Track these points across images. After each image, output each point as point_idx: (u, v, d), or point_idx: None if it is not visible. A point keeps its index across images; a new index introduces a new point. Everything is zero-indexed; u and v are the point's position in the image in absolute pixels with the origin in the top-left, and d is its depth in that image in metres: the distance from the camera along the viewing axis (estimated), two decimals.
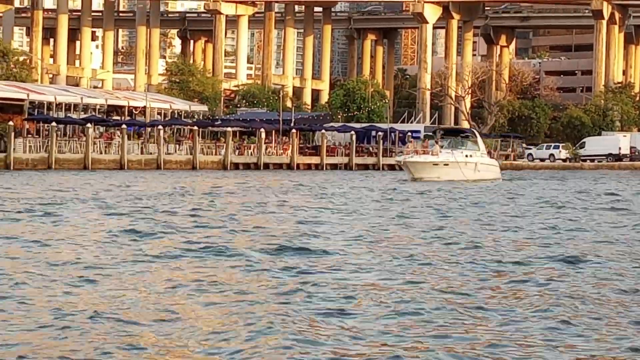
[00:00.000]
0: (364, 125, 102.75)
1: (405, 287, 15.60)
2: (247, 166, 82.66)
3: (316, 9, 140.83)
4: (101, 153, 76.53)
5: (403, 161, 65.90)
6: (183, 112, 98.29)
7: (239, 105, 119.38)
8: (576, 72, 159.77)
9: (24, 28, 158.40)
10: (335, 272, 17.32)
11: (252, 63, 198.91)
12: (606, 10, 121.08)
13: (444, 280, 16.47)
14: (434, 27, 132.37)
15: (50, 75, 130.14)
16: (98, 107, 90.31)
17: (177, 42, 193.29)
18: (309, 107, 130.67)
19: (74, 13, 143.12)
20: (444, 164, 63.65)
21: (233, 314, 13.16)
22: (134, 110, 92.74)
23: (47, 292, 14.71)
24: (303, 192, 45.59)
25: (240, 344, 11.37)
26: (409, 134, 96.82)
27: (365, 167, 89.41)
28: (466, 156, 64.89)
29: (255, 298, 14.44)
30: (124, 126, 77.47)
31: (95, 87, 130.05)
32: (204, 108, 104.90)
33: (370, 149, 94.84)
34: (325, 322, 12.67)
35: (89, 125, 75.46)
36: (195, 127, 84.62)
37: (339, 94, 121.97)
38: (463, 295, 14.87)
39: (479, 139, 68.79)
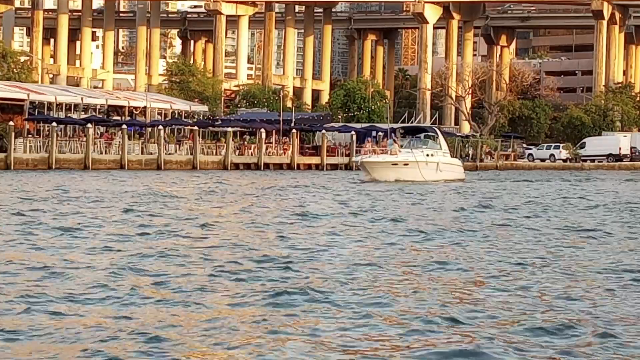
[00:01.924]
0: (364, 125, 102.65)
1: None
2: (247, 166, 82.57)
3: (316, 9, 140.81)
4: (101, 153, 76.45)
5: (360, 161, 61.93)
6: (183, 112, 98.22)
7: (239, 106, 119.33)
8: (576, 72, 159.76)
9: (24, 28, 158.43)
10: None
11: (252, 63, 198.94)
12: (606, 10, 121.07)
13: None
14: (435, 28, 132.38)
15: (51, 76, 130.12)
16: (98, 107, 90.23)
17: (177, 42, 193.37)
18: (310, 107, 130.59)
19: (75, 13, 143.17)
20: (404, 164, 59.97)
21: None
22: (134, 111, 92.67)
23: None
24: None
25: None
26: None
27: None
28: (427, 155, 61.27)
29: None
30: (124, 126, 77.40)
31: (95, 87, 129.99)
32: (205, 108, 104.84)
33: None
34: None
35: (89, 125, 75.41)
36: (196, 128, 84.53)
37: (339, 94, 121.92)
38: None
39: (441, 138, 65.12)
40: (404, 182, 56.51)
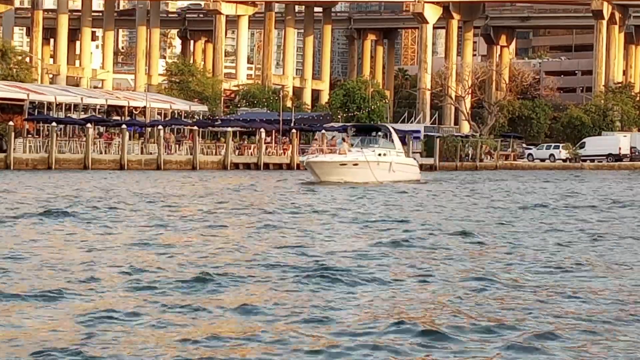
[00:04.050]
0: None
1: None
2: (247, 166, 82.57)
3: (316, 9, 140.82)
4: (101, 153, 76.47)
5: (306, 161, 57.66)
6: (183, 112, 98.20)
7: (239, 106, 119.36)
8: (576, 72, 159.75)
9: (24, 28, 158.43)
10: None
11: (252, 63, 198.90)
12: (606, 10, 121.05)
13: None
14: (434, 27, 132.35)
15: (51, 76, 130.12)
16: (98, 107, 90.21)
17: (177, 42, 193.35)
18: (309, 107, 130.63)
19: (74, 13, 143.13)
20: (353, 164, 55.91)
21: None
22: (134, 111, 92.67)
23: None
24: None
25: None
26: (409, 134, 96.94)
27: None
28: (379, 155, 57.41)
29: None
30: (124, 126, 77.39)
31: (95, 87, 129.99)
32: (204, 108, 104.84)
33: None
34: None
35: (89, 125, 75.41)
36: (196, 127, 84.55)
37: (339, 94, 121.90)
38: None
39: (395, 137, 61.36)
40: (353, 183, 53.15)
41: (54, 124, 74.29)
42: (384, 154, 58.02)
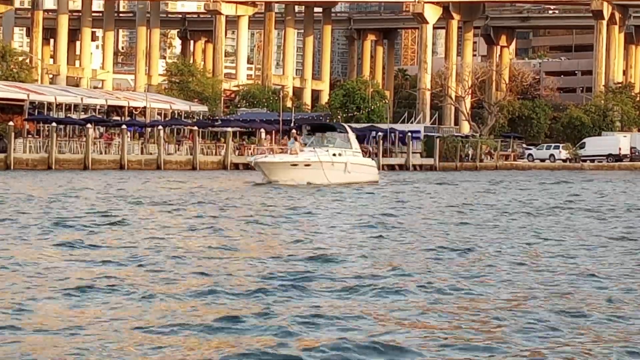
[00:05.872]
0: (363, 125, 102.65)
1: None
2: (247, 166, 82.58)
3: (316, 9, 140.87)
4: (101, 153, 76.53)
5: (254, 161, 54.99)
6: (183, 112, 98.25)
7: (239, 106, 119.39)
8: (576, 72, 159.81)
9: (24, 28, 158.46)
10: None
11: (252, 63, 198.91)
12: (606, 10, 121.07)
13: None
14: (434, 28, 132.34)
15: (51, 76, 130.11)
16: (98, 107, 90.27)
17: (177, 43, 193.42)
18: (309, 107, 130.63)
19: (74, 13, 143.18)
20: (305, 165, 53.35)
21: None
22: (134, 111, 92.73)
23: None
24: None
25: None
26: (409, 134, 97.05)
27: None
28: (333, 155, 54.71)
29: None
30: (124, 126, 77.43)
31: (95, 87, 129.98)
32: (204, 108, 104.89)
33: (370, 149, 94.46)
34: None
35: (89, 125, 75.46)
36: (196, 128, 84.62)
37: (338, 94, 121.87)
38: None
39: (352, 136, 58.63)
40: (305, 185, 51.18)
41: (54, 124, 74.34)
42: (339, 154, 55.34)
